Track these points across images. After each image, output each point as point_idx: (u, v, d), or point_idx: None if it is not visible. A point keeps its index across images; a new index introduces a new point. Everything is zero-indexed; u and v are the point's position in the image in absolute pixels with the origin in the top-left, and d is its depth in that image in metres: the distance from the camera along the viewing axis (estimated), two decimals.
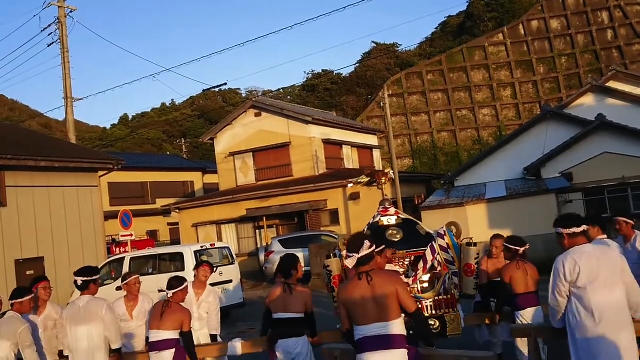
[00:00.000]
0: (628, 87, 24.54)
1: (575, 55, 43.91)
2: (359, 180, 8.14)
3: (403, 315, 4.52)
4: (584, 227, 4.73)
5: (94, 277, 6.11)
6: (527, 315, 6.40)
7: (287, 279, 6.00)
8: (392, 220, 6.71)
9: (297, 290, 5.95)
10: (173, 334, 6.10)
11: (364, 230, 6.76)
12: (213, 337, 7.57)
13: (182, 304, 6.38)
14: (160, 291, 10.79)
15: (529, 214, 18.02)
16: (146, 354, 6.35)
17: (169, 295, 6.27)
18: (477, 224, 18.10)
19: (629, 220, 6.98)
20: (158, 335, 6.09)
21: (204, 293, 7.52)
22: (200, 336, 7.35)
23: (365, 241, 4.53)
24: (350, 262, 4.56)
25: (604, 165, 19.70)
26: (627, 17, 43.69)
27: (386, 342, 4.38)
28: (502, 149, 23.32)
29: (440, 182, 29.45)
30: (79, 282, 6.02)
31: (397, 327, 4.43)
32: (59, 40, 21.85)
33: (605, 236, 6.51)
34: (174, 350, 6.07)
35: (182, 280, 6.46)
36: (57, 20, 21.84)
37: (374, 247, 4.57)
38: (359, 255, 4.49)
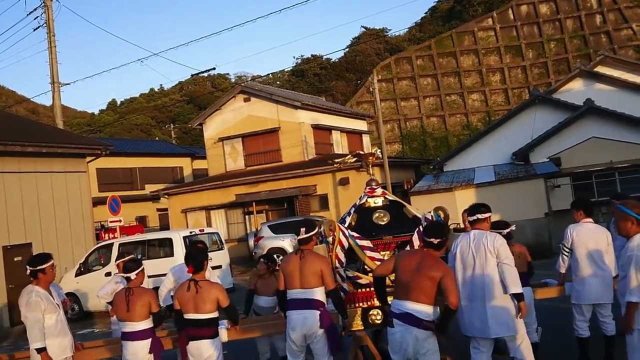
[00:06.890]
0: (616, 72, 24.67)
1: (564, 40, 43.94)
2: (345, 160, 8.01)
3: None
4: None
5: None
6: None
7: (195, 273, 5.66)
8: (379, 201, 6.63)
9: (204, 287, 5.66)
10: (146, 324, 5.80)
11: (349, 210, 6.72)
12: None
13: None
14: (148, 277, 10.79)
15: (517, 198, 18.08)
16: None
17: (132, 278, 5.91)
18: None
19: None
20: (131, 327, 5.76)
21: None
22: None
23: (302, 228, 5.81)
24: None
25: (592, 149, 19.84)
26: (616, 2, 43.71)
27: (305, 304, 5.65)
28: (490, 133, 23.39)
29: (430, 167, 29.50)
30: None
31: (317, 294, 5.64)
32: (45, 24, 21.52)
33: (590, 219, 6.55)
34: (149, 340, 5.80)
35: (140, 262, 6.27)
36: (43, 4, 21.54)
37: (311, 233, 5.82)
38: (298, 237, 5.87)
